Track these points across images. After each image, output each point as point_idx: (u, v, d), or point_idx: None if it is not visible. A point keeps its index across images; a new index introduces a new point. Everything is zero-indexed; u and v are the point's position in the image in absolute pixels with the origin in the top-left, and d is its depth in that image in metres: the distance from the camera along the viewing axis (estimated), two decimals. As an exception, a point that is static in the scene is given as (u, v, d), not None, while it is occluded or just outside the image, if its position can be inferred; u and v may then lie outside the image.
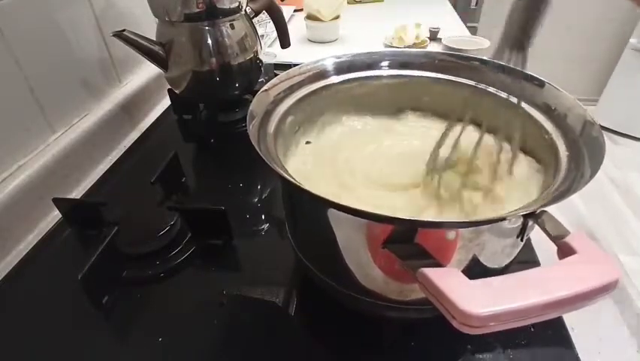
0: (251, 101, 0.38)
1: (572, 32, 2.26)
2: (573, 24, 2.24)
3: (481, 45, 0.94)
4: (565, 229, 0.25)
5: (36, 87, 0.57)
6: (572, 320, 0.40)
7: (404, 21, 1.09)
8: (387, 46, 1.08)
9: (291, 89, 0.43)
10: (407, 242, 0.27)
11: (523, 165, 0.39)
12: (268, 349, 0.40)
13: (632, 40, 2.07)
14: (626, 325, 0.39)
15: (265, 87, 0.41)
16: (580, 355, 0.37)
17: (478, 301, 0.20)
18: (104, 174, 0.64)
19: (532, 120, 0.39)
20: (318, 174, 0.42)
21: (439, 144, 0.39)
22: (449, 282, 0.22)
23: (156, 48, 0.64)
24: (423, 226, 0.28)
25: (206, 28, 0.63)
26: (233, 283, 0.45)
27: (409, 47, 1.05)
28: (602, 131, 0.32)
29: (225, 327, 0.41)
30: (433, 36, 1.10)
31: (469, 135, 0.38)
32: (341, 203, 0.26)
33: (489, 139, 0.38)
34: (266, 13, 0.74)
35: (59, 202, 0.53)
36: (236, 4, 0.64)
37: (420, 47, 1.06)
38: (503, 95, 0.40)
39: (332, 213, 0.31)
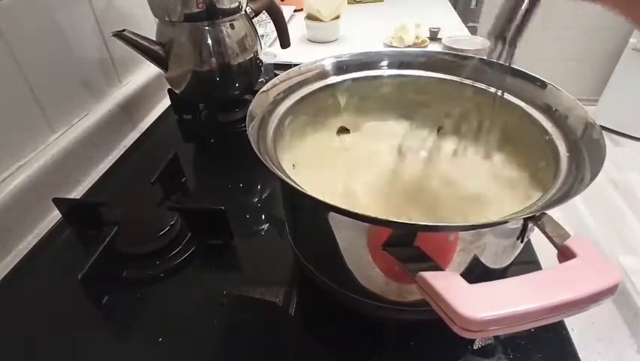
0: (251, 102, 0.38)
1: (572, 32, 2.25)
2: (573, 24, 2.23)
3: (481, 45, 0.93)
4: (565, 231, 0.25)
5: (36, 87, 0.57)
6: (572, 320, 0.40)
7: (404, 21, 1.09)
8: (387, 46, 1.08)
9: (291, 89, 0.43)
10: (407, 245, 0.27)
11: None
12: (268, 349, 0.40)
13: (632, 40, 2.06)
14: (626, 325, 0.39)
15: (265, 87, 0.41)
16: (580, 355, 0.37)
17: (477, 305, 0.20)
18: (104, 174, 0.64)
19: (532, 120, 0.39)
20: (318, 174, 0.41)
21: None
22: (449, 286, 0.22)
23: (156, 48, 0.63)
24: (422, 230, 0.28)
25: (206, 28, 0.63)
26: (233, 283, 0.45)
27: (409, 46, 1.05)
28: (603, 132, 0.32)
29: (225, 327, 0.41)
30: (433, 36, 1.10)
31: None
32: (341, 207, 0.26)
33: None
34: (266, 13, 0.74)
35: (59, 202, 0.53)
36: (236, 4, 0.64)
37: (420, 47, 1.05)
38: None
39: (332, 216, 0.31)
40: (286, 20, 0.78)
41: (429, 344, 0.39)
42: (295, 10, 1.33)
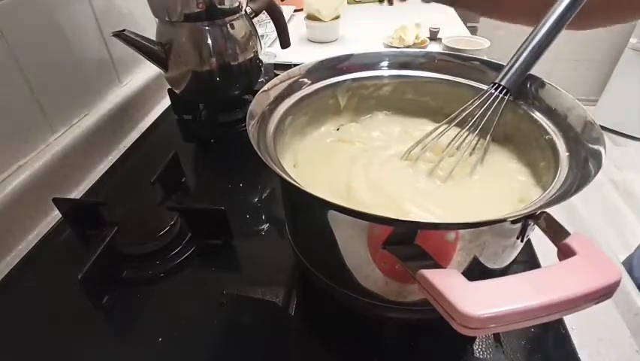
0: (251, 101, 0.38)
1: (571, 32, 2.25)
2: (573, 24, 2.23)
3: (481, 45, 0.94)
4: (565, 230, 0.25)
5: (36, 87, 0.57)
6: (572, 320, 0.40)
7: (404, 21, 1.09)
8: (387, 46, 1.08)
9: (291, 89, 0.43)
10: (407, 243, 0.27)
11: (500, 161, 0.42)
12: (268, 349, 0.40)
13: (632, 40, 2.07)
14: (626, 325, 0.39)
15: (265, 87, 0.41)
16: (580, 355, 0.37)
17: (477, 302, 0.20)
18: (104, 174, 0.64)
19: (532, 120, 0.39)
20: (319, 174, 0.41)
21: (421, 140, 0.42)
22: (448, 283, 0.22)
23: (156, 48, 0.63)
24: (423, 228, 0.28)
25: (206, 28, 0.63)
26: (233, 283, 0.45)
27: (409, 46, 1.05)
28: (602, 132, 0.32)
29: (225, 327, 0.41)
30: (433, 36, 1.10)
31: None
32: (341, 204, 0.26)
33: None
34: (266, 13, 0.74)
35: (59, 202, 0.53)
36: (237, 4, 0.64)
37: (420, 47, 1.05)
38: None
39: (332, 214, 0.31)
40: (286, 20, 0.78)
41: (429, 344, 0.39)
42: (295, 10, 1.33)
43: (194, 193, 0.61)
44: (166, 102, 0.83)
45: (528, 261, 0.46)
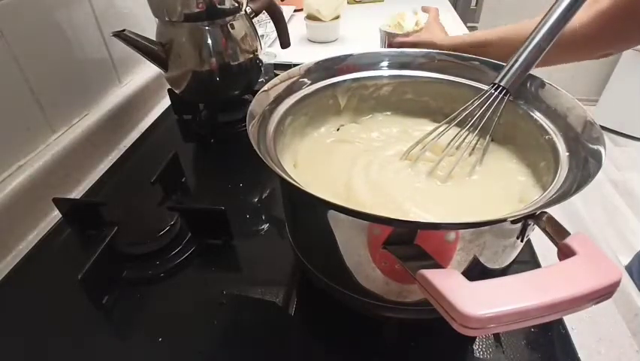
0: (251, 101, 0.38)
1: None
2: (573, 24, 2.23)
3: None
4: (565, 230, 0.25)
5: (36, 87, 0.57)
6: (572, 319, 0.40)
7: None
8: (384, 32, 1.06)
9: (291, 89, 0.43)
10: (407, 243, 0.27)
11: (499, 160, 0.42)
12: (268, 349, 0.40)
13: (632, 40, 2.06)
14: (626, 325, 0.39)
15: (265, 87, 0.41)
16: (580, 355, 0.37)
17: (477, 302, 0.20)
18: (104, 174, 0.64)
19: (532, 120, 0.39)
20: (319, 174, 0.41)
21: (421, 140, 0.42)
22: (448, 283, 0.22)
23: (156, 48, 0.63)
24: (423, 228, 0.28)
25: (206, 28, 0.63)
26: (233, 283, 0.45)
27: (408, 33, 1.03)
28: (602, 132, 0.32)
29: (225, 327, 0.41)
30: (433, 36, 1.09)
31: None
32: (341, 204, 0.26)
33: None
34: (266, 13, 0.74)
35: (59, 202, 0.53)
36: (236, 4, 0.64)
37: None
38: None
39: (332, 214, 0.31)
40: (286, 20, 0.78)
41: (429, 344, 0.39)
42: (295, 10, 1.33)
43: (194, 193, 0.61)
44: (166, 102, 0.83)
45: (528, 261, 0.46)
